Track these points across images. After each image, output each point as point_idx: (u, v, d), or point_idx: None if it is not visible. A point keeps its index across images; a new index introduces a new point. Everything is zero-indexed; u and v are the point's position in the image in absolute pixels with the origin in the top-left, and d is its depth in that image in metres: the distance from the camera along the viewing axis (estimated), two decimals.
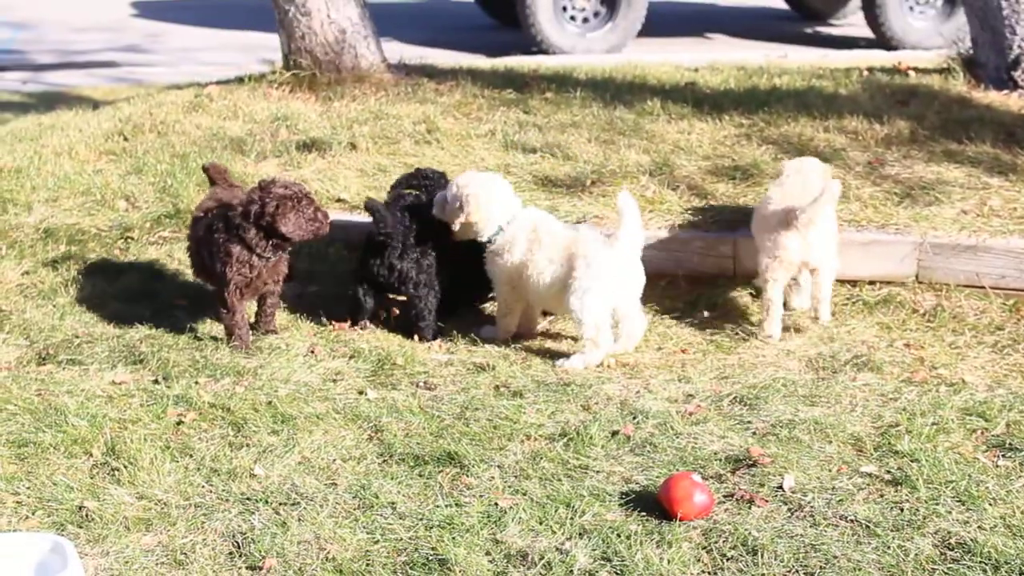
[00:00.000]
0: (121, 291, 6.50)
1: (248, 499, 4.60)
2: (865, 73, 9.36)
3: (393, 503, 4.58)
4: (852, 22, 15.67)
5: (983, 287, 6.48)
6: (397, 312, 6.31)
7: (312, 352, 5.82)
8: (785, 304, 6.31)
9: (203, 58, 13.78)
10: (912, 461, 4.80)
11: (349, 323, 6.19)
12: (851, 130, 7.92)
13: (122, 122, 8.49)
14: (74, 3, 17.02)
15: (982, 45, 8.92)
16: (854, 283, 6.62)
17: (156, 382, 5.45)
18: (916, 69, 9.20)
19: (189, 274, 6.60)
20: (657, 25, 14.50)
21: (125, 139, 8.19)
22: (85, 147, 8.03)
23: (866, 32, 14.16)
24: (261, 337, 5.99)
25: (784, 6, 16.46)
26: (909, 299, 6.47)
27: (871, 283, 6.61)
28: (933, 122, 8.04)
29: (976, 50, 9.01)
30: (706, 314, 6.42)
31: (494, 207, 6.03)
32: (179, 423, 5.10)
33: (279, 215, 5.78)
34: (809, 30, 15.83)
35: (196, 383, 5.41)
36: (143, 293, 6.47)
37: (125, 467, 4.74)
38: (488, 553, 4.28)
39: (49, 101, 10.97)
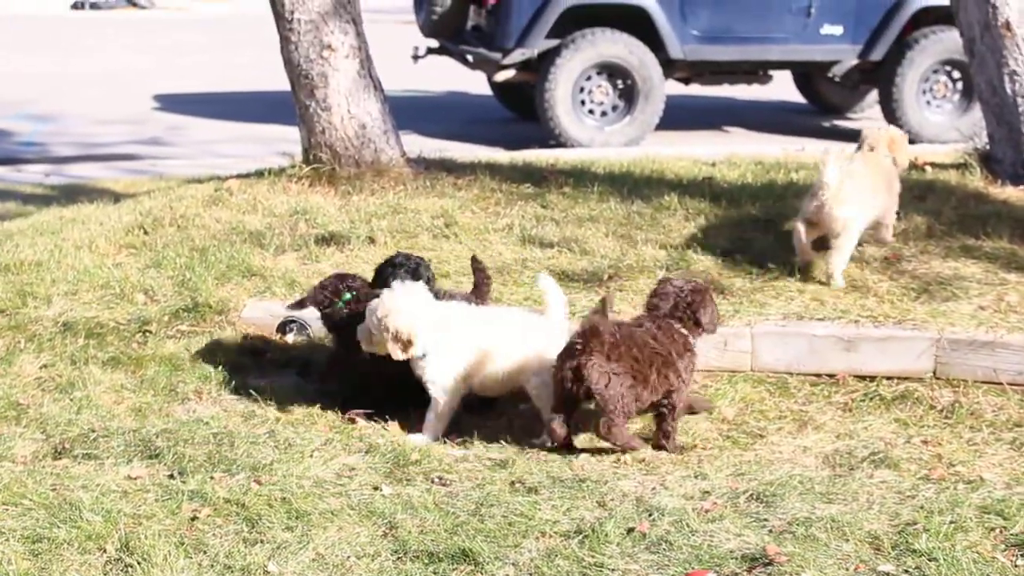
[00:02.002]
0: (138, 385, 6.55)
1: None
2: None
3: None
4: (870, 115, 15.77)
5: (1001, 383, 6.49)
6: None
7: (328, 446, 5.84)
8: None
9: (223, 151, 13.93)
10: (930, 560, 4.78)
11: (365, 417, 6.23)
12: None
13: (142, 215, 8.59)
14: (97, 96, 17.26)
15: (999, 140, 8.99)
16: (872, 379, 6.63)
17: (171, 477, 5.48)
18: (933, 164, 9.27)
19: (207, 367, 6.64)
20: (675, 119, 14.63)
21: (145, 232, 8.27)
22: (105, 240, 8.11)
23: (883, 124, 14.22)
24: (279, 431, 6.01)
25: (802, 100, 16.60)
26: (927, 395, 6.48)
27: (888, 379, 6.62)
28: (950, 217, 8.09)
29: (993, 145, 9.08)
30: (724, 410, 6.44)
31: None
32: (193, 518, 5.12)
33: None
34: (827, 124, 15.94)
35: (211, 478, 5.43)
36: (160, 387, 6.51)
37: (139, 563, 4.75)
38: None
39: (71, 194, 11.09)
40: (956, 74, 14.15)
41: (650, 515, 5.18)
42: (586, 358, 5.74)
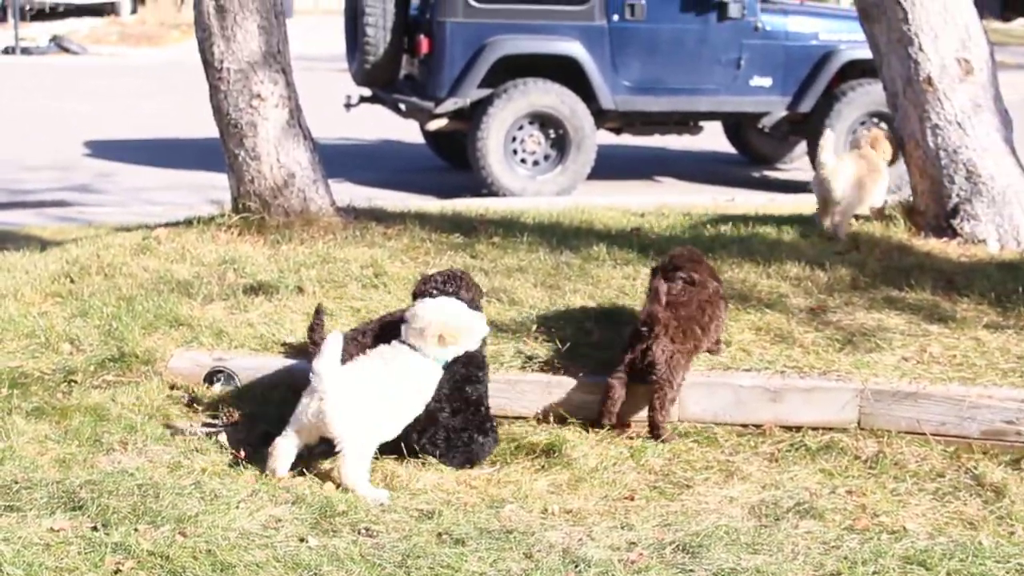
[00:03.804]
0: (63, 435, 6.48)
1: None
2: (808, 218, 9.55)
3: None
4: (799, 166, 15.99)
5: (924, 434, 6.58)
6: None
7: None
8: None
9: (154, 198, 13.88)
10: None
11: None
12: (794, 276, 8.08)
13: (69, 264, 8.53)
14: (25, 142, 17.14)
15: (921, 193, 9.15)
16: (797, 429, 6.70)
17: (95, 529, 5.41)
18: (858, 216, 9.41)
19: (133, 417, 6.60)
20: (607, 168, 14.77)
21: (72, 281, 8.21)
22: (31, 289, 8.05)
23: (811, 177, 14.40)
24: (205, 482, 5.97)
25: (733, 150, 16.80)
26: (851, 445, 6.55)
27: (814, 429, 6.69)
28: (874, 269, 8.21)
29: (916, 198, 9.24)
30: (653, 458, 6.48)
31: None
32: (117, 572, 5.06)
33: None
34: (757, 174, 16.15)
35: (135, 530, 5.37)
36: (85, 438, 6.45)
37: None
38: None
39: None
40: (883, 126, 14.38)
41: (576, 567, 5.19)
42: (654, 342, 6.57)
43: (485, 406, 6.52)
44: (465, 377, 6.45)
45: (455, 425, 6.42)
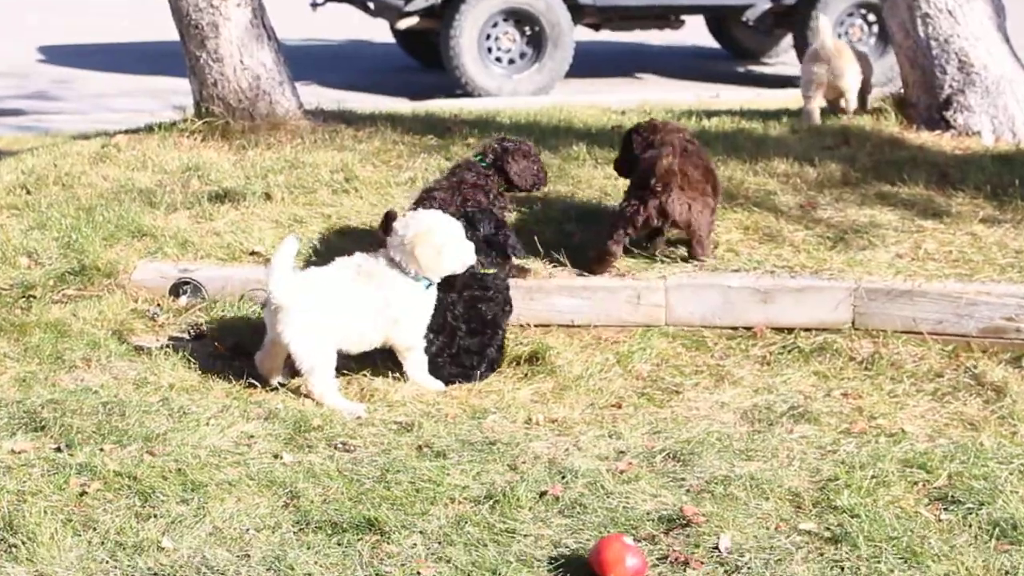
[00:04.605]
0: (22, 353, 6.35)
1: (156, 575, 4.47)
2: (795, 114, 9.42)
3: (310, 575, 4.47)
4: (784, 60, 15.82)
5: (920, 333, 6.49)
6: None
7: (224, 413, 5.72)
8: None
9: (114, 104, 13.66)
10: (852, 517, 4.76)
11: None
12: (782, 173, 7.97)
13: (25, 174, 8.35)
14: None
15: (913, 85, 9.00)
16: (789, 331, 6.61)
17: (58, 450, 5.31)
18: (843, 110, 9.28)
19: (95, 333, 6.47)
20: (586, 65, 14.58)
21: (28, 192, 8.05)
22: None
23: (798, 71, 14.27)
24: (173, 398, 5.86)
25: (716, 45, 16.60)
26: (846, 347, 6.47)
27: (806, 330, 6.61)
28: (865, 164, 8.10)
29: (907, 90, 9.10)
30: (640, 364, 6.39)
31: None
32: (82, 494, 4.96)
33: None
34: (742, 69, 15.97)
35: (101, 450, 5.27)
36: (46, 355, 6.32)
37: (23, 543, 4.59)
38: None
39: None
40: (872, 17, 14.23)
41: (563, 477, 5.11)
42: (674, 195, 6.65)
43: (503, 329, 6.41)
44: (480, 298, 6.32)
45: (472, 347, 6.30)
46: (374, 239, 6.50)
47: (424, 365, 6.21)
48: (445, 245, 6.02)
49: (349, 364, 6.22)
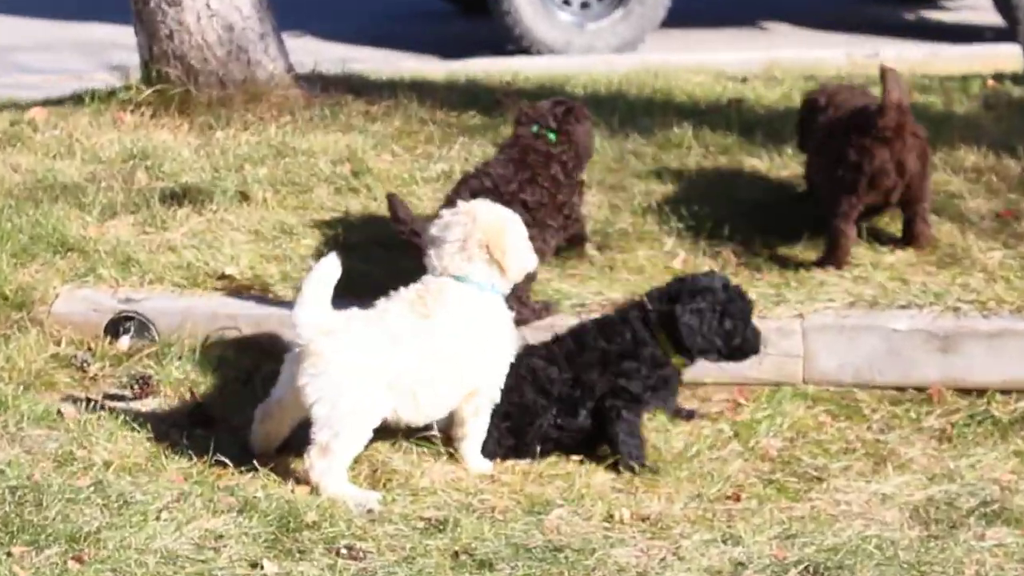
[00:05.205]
0: None
1: None
2: (991, 82, 9.43)
3: None
4: (972, 3, 15.81)
5: None
6: None
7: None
8: None
9: (26, 62, 13.82)
10: None
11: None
12: (971, 167, 7.98)
13: None
14: None
15: None
16: (980, 393, 6.64)
17: None
18: None
19: (3, 389, 6.55)
20: (691, 11, 14.61)
21: None
22: None
23: (994, 18, 14.28)
24: (110, 482, 5.94)
25: None
26: None
27: (1004, 392, 6.64)
28: None
29: None
30: (767, 439, 6.44)
31: None
32: None
33: None
34: (911, 16, 15.98)
35: (8, 555, 5.35)
36: None
37: None
38: None
39: None
40: None
41: None
42: (901, 143, 6.99)
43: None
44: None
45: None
46: (398, 261, 6.59)
47: (483, 437, 6.31)
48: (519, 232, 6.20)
49: None
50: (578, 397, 6.31)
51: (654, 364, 6.29)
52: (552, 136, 7.10)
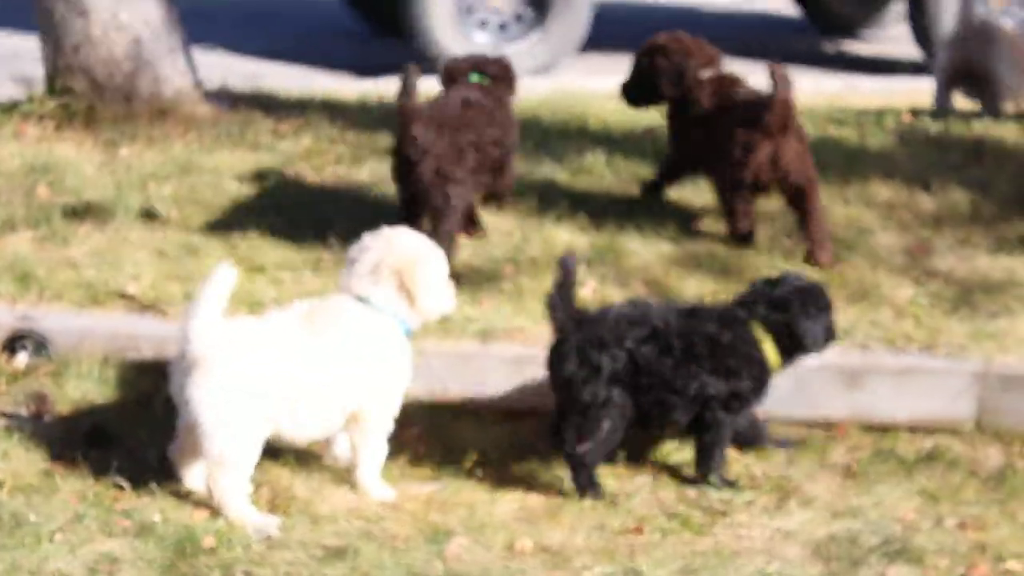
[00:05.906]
0: None
1: None
2: (907, 116, 9.51)
3: None
4: (893, 35, 15.93)
5: None
6: None
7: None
8: None
9: None
10: None
11: None
12: (883, 202, 8.05)
13: None
14: None
15: None
16: (885, 430, 6.70)
17: None
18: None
19: None
20: (609, 35, 14.65)
21: None
22: None
23: (911, 51, 14.39)
24: (3, 502, 5.91)
25: (795, 13, 16.73)
26: (966, 455, 6.57)
27: (910, 430, 6.69)
28: (1005, 192, 8.20)
29: None
30: (674, 472, 6.48)
31: None
32: None
33: None
34: (830, 48, 16.09)
35: None
36: None
37: None
38: None
39: None
40: None
41: None
42: (784, 140, 7.46)
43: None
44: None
45: None
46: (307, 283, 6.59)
47: (381, 462, 6.29)
48: (438, 270, 6.19)
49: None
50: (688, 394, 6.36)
51: (762, 369, 6.36)
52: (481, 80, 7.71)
